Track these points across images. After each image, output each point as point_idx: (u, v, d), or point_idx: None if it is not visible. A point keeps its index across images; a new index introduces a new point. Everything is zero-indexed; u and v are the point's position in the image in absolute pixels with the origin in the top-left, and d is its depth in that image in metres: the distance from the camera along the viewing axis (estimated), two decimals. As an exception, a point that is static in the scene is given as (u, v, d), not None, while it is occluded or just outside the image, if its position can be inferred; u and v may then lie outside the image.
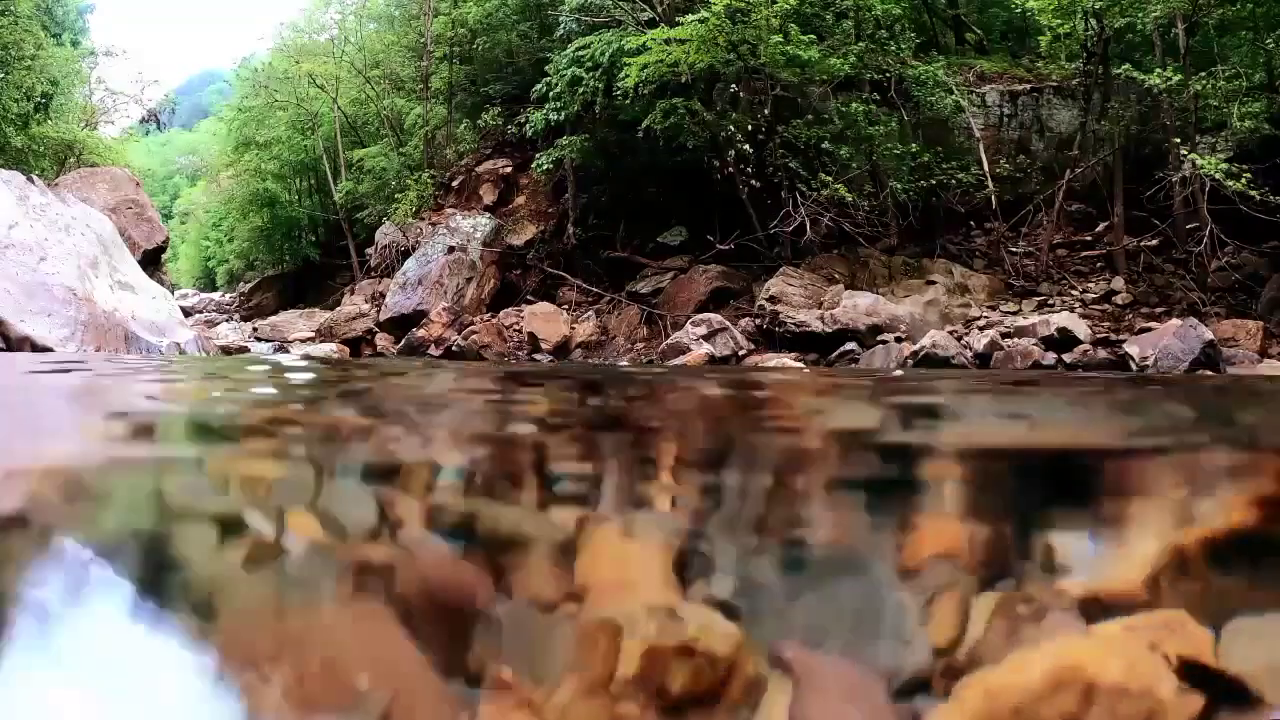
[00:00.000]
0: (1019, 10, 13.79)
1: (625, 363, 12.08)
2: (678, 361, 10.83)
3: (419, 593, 0.84)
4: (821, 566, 0.98)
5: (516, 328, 13.46)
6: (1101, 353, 9.61)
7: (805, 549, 1.07)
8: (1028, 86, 13.77)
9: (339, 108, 21.69)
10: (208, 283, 33.86)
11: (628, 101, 12.49)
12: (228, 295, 28.05)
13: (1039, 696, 0.66)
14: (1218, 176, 9.72)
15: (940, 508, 1.31)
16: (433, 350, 13.07)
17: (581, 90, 13.23)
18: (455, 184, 17.13)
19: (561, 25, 14.37)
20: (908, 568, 0.97)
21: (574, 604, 0.83)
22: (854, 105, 12.21)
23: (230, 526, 1.01)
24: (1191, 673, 0.70)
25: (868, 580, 0.94)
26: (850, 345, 10.72)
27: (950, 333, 10.54)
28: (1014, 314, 11.13)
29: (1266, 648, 0.77)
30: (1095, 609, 0.84)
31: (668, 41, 11.88)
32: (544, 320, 13.30)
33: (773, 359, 10.55)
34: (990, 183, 12.20)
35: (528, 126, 14.49)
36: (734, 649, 0.72)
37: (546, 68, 14.11)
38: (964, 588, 0.87)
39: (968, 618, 0.81)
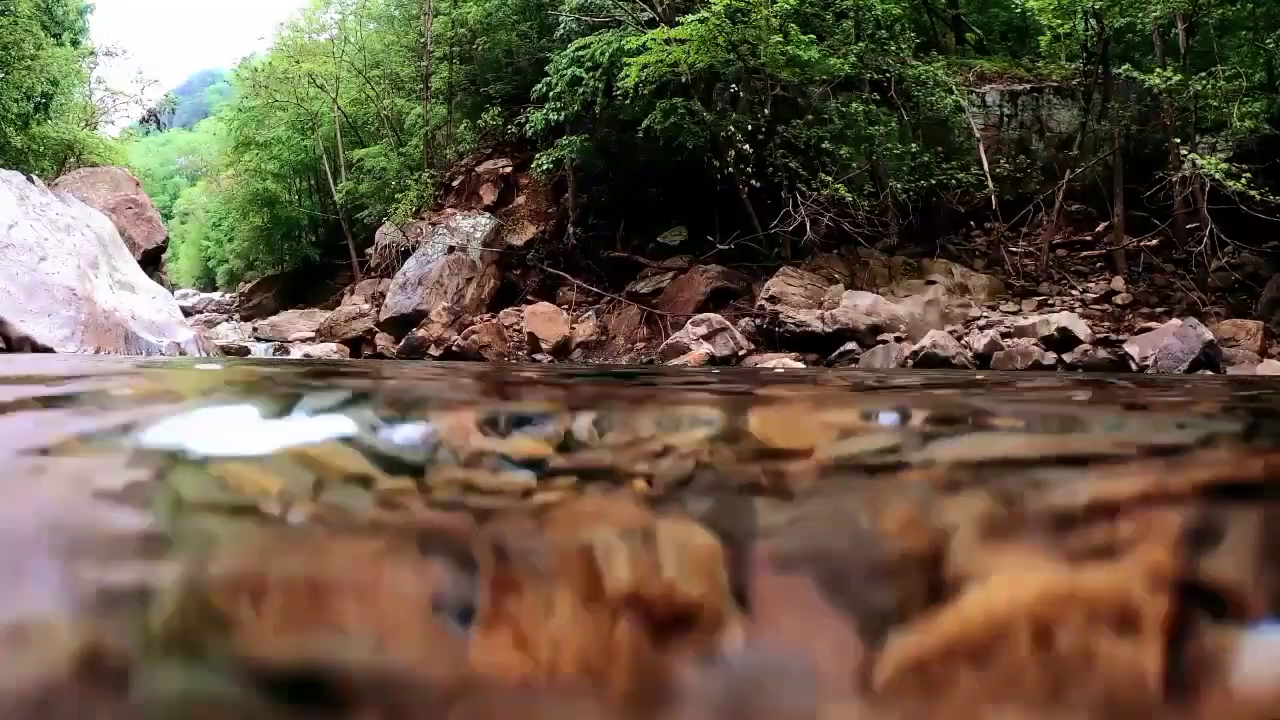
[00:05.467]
0: (1019, 10, 13.81)
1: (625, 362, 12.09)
2: (678, 361, 10.83)
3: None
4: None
5: (516, 328, 13.46)
6: (1101, 353, 9.61)
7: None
8: (1028, 86, 13.77)
9: (339, 108, 21.69)
10: (208, 283, 33.85)
11: (628, 101, 12.49)
12: (228, 295, 28.05)
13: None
14: (1218, 176, 9.72)
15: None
16: (433, 350, 13.07)
17: (581, 90, 13.23)
18: (455, 184, 17.13)
19: (561, 25, 14.36)
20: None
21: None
22: (854, 105, 12.21)
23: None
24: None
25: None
26: (850, 345, 10.72)
27: (950, 333, 10.54)
28: (1014, 314, 11.13)
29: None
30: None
31: (668, 41, 11.88)
32: (544, 320, 13.30)
33: (773, 359, 10.55)
34: (990, 183, 12.21)
35: (528, 126, 14.49)
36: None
37: (546, 68, 14.11)
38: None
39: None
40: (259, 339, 15.70)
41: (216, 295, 29.08)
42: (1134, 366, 9.08)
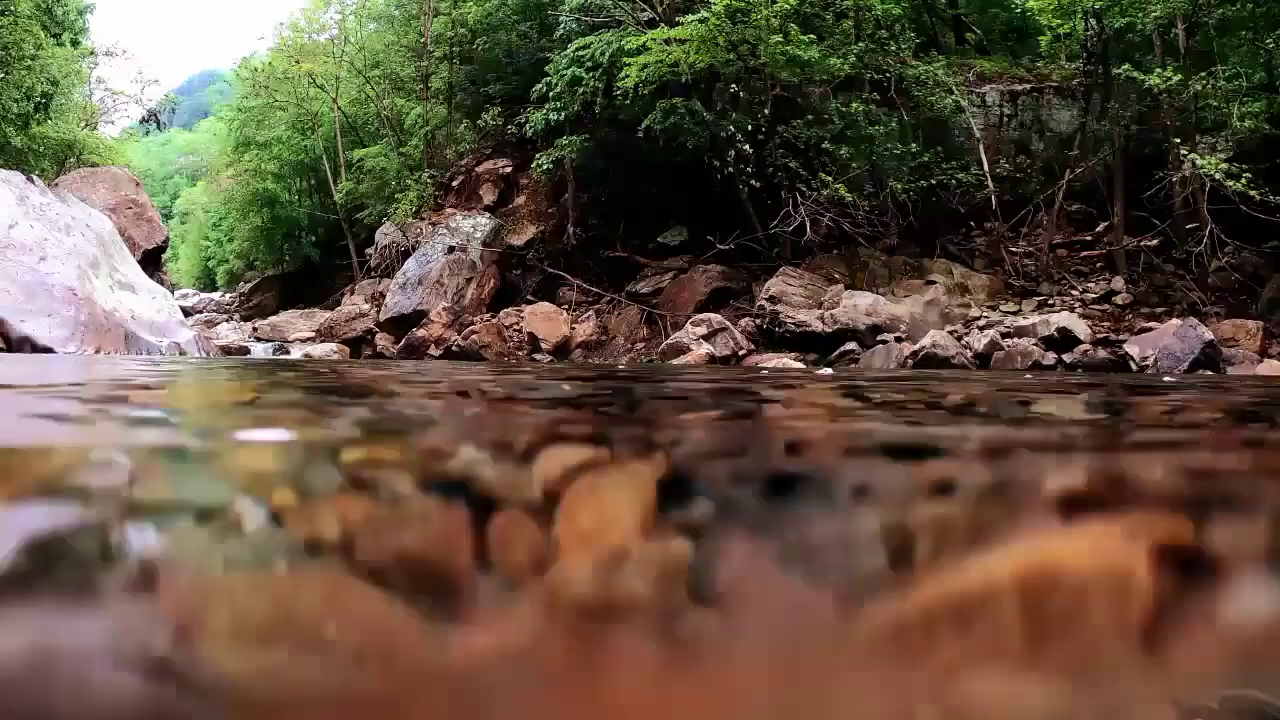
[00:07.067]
0: (1019, 10, 13.81)
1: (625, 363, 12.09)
2: (678, 361, 10.82)
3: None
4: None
5: (516, 328, 13.46)
6: (1101, 353, 9.61)
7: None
8: (1028, 86, 13.77)
9: (339, 108, 21.69)
10: (208, 283, 33.82)
11: (628, 101, 12.49)
12: (228, 295, 28.01)
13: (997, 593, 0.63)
14: (1217, 176, 9.72)
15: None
16: (433, 350, 13.07)
17: (581, 90, 13.23)
18: (455, 184, 17.13)
19: (561, 25, 14.36)
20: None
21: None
22: (854, 105, 12.21)
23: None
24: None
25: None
26: (850, 345, 10.72)
27: (950, 333, 10.54)
28: (1014, 314, 11.13)
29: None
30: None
31: (668, 41, 11.88)
32: (544, 320, 13.30)
33: (773, 359, 10.55)
34: (990, 183, 12.20)
35: (528, 126, 14.49)
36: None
37: (546, 68, 14.11)
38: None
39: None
40: (259, 339, 15.69)
41: (216, 295, 29.05)
42: (1134, 366, 9.07)
